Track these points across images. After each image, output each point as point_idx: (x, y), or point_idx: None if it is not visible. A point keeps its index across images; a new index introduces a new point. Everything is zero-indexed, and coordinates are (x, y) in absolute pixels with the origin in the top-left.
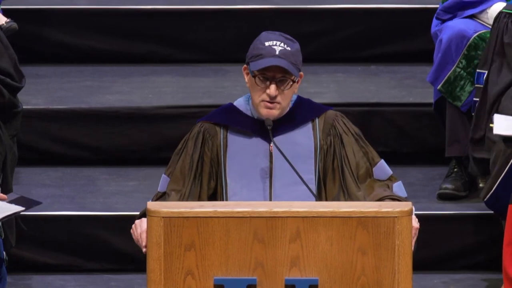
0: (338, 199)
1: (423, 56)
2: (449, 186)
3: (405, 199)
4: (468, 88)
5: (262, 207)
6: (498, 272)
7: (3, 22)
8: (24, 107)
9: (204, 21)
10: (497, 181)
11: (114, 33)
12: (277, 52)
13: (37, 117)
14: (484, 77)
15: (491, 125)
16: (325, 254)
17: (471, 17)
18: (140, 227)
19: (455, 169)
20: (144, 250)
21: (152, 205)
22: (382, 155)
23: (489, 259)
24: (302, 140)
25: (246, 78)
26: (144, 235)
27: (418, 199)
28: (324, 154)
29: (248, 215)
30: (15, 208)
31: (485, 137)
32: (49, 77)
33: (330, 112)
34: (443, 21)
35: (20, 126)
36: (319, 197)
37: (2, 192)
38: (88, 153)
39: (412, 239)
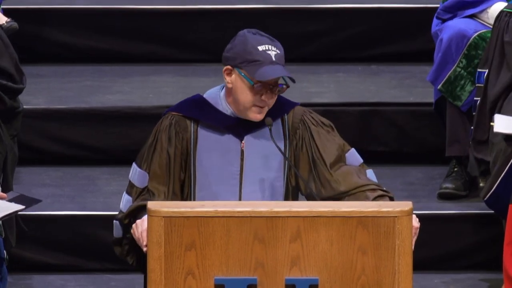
0: (311, 190)
1: (424, 56)
2: (449, 185)
3: (379, 186)
4: (469, 87)
5: (262, 207)
6: (498, 272)
7: (4, 22)
8: (24, 107)
9: (204, 21)
10: (497, 181)
11: (114, 33)
12: (273, 58)
13: (37, 117)
14: (485, 76)
15: (491, 123)
16: (325, 253)
17: (471, 16)
18: (141, 226)
19: (455, 169)
20: (144, 249)
21: (152, 204)
22: (382, 155)
23: (489, 259)
24: (273, 137)
25: (229, 79)
26: (144, 234)
27: (418, 199)
28: (294, 149)
29: (248, 215)
30: (15, 207)
31: (489, 140)
32: (49, 77)
33: (298, 108)
34: (444, 20)
35: (21, 126)
36: (287, 194)
37: (2, 192)
38: (89, 153)
39: (412, 239)
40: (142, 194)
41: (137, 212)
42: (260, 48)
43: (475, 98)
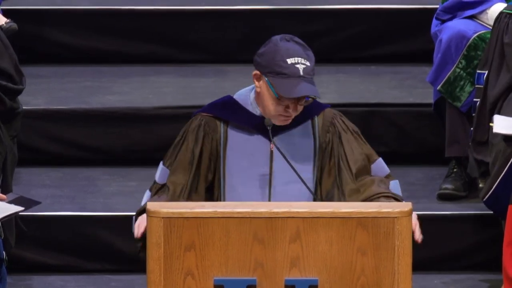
0: (332, 196)
1: (423, 56)
2: (449, 186)
3: (401, 198)
4: (468, 88)
5: (262, 207)
6: (498, 272)
7: (3, 23)
8: (24, 107)
9: (204, 21)
10: (496, 181)
11: (114, 33)
12: (301, 72)
13: (37, 118)
14: (484, 77)
15: (491, 124)
16: (325, 254)
17: (471, 17)
18: (141, 218)
19: (455, 169)
20: (136, 234)
21: (152, 205)
22: (382, 155)
23: (489, 259)
24: (302, 139)
25: (258, 83)
26: (142, 225)
27: (418, 199)
28: (323, 152)
29: (248, 216)
30: (15, 208)
31: (489, 141)
32: (49, 77)
33: (328, 110)
34: (443, 21)
35: (20, 126)
36: (316, 195)
37: (2, 193)
38: (88, 153)
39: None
40: (160, 189)
41: None
42: (289, 61)
43: (474, 99)
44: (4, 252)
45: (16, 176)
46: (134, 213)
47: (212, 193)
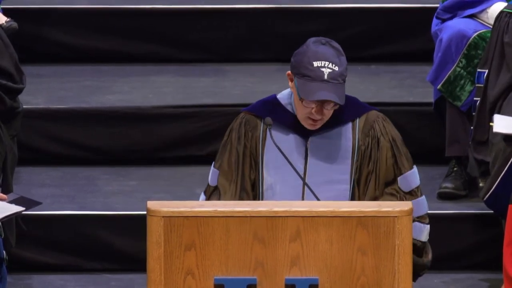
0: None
1: (423, 55)
2: (449, 185)
3: (419, 220)
4: (468, 87)
5: (262, 206)
6: (498, 272)
7: (3, 22)
8: (24, 107)
9: (204, 21)
10: (496, 181)
11: (114, 33)
12: (325, 77)
13: (37, 117)
14: (485, 77)
15: (491, 123)
16: (325, 253)
17: (471, 16)
18: None
19: (455, 169)
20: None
21: (152, 204)
22: None
23: (489, 259)
24: (341, 140)
25: (290, 84)
26: None
27: None
28: (362, 154)
29: (248, 215)
30: (15, 208)
31: (489, 141)
32: (49, 77)
33: (373, 113)
34: (443, 20)
35: (20, 126)
36: (353, 197)
37: (2, 192)
38: (88, 153)
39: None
40: (213, 192)
41: None
42: (316, 64)
43: (474, 98)
44: (4, 252)
45: (16, 175)
46: (133, 212)
47: (253, 190)
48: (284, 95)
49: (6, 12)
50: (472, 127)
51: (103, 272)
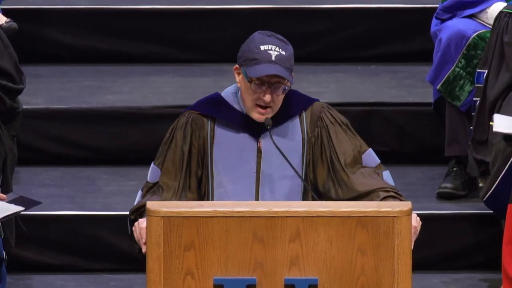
0: (329, 189)
1: (423, 56)
2: (448, 185)
3: (396, 190)
4: (468, 87)
5: (261, 207)
6: (497, 272)
7: (3, 22)
8: (24, 107)
9: (204, 21)
10: (496, 180)
11: (114, 33)
12: (273, 58)
13: (37, 117)
14: (484, 76)
15: (491, 123)
16: (324, 253)
17: (471, 16)
18: (141, 224)
19: (455, 169)
20: (144, 249)
21: (151, 205)
22: (382, 155)
23: (488, 259)
24: (290, 135)
25: (238, 78)
26: (143, 232)
27: (418, 199)
28: (312, 146)
29: (247, 215)
30: (15, 208)
31: (488, 141)
32: (49, 77)
33: (317, 104)
34: (443, 20)
35: (20, 126)
36: (306, 192)
37: (2, 192)
38: (88, 153)
39: (411, 238)
40: (152, 189)
41: (143, 209)
42: (262, 47)
43: (474, 99)
44: (4, 252)
45: (16, 175)
46: None
47: (200, 188)
48: (228, 93)
49: (6, 12)
50: (471, 127)
51: (103, 272)
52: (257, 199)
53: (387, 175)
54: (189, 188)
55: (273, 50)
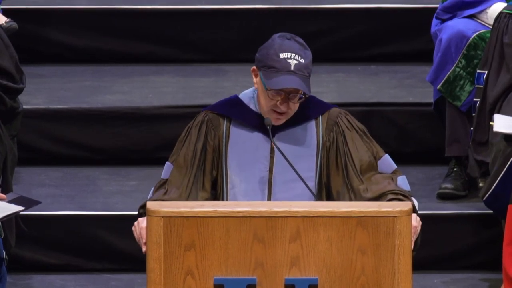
0: (343, 194)
1: (423, 56)
2: (448, 185)
3: (409, 193)
4: (468, 88)
5: (262, 207)
6: (498, 272)
7: (3, 22)
8: (24, 107)
9: (204, 21)
10: (496, 181)
11: (114, 33)
12: (292, 67)
13: (37, 117)
14: (484, 77)
15: (491, 123)
16: (324, 253)
17: (471, 17)
18: (141, 223)
19: (455, 169)
20: (144, 248)
21: (152, 204)
22: None
23: (489, 259)
24: (305, 137)
25: (255, 80)
26: (144, 231)
27: (418, 199)
28: (327, 151)
29: (248, 215)
30: (15, 208)
31: (489, 141)
32: (49, 77)
33: (334, 110)
34: (443, 20)
35: (20, 126)
36: (319, 195)
37: (2, 192)
38: (88, 153)
39: (411, 238)
40: (163, 185)
41: None
42: (282, 55)
43: (474, 99)
44: (4, 252)
45: (16, 175)
46: (133, 212)
47: (215, 188)
48: (246, 95)
49: (6, 12)
50: (472, 128)
51: (103, 272)
52: (269, 199)
53: (402, 180)
54: (203, 187)
55: (292, 59)
